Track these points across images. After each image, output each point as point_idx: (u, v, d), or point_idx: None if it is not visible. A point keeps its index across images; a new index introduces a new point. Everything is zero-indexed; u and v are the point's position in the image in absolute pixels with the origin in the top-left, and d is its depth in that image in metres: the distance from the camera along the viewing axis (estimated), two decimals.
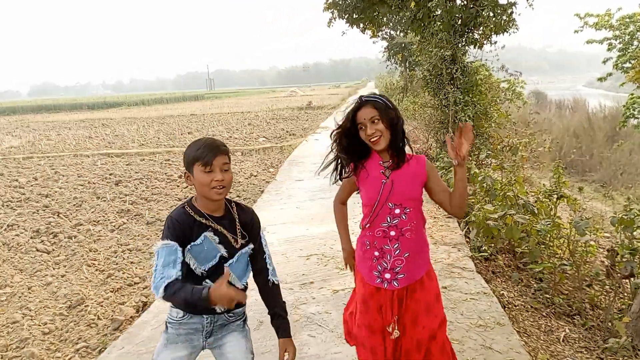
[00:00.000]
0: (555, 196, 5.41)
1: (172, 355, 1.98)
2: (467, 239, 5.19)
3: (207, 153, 1.90)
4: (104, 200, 8.63)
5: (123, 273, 5.43)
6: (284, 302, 2.20)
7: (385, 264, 2.25)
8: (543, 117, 19.60)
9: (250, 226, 2.08)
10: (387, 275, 2.24)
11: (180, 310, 2.00)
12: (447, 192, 2.27)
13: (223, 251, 1.98)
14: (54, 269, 5.75)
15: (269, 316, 2.19)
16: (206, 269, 1.97)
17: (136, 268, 5.56)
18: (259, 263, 2.12)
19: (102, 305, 4.69)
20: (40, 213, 8.02)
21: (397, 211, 2.22)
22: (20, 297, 5.07)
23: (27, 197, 9.13)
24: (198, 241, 1.94)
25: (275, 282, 2.16)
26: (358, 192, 2.41)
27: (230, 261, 2.00)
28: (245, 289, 2.08)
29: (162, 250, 1.89)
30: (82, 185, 9.95)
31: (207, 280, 1.97)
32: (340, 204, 2.59)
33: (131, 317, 4.35)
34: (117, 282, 5.19)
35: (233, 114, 28.21)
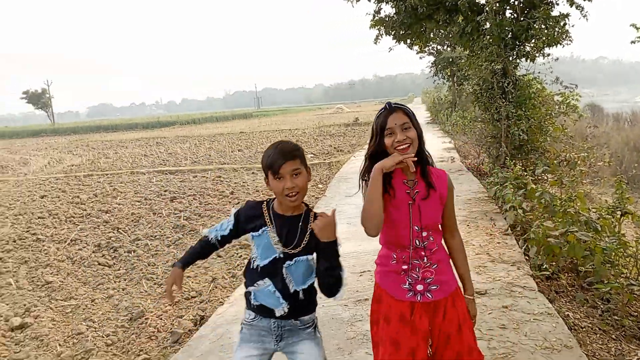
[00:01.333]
0: (619, 212, 5.19)
1: (245, 353, 2.05)
2: (527, 257, 5.03)
3: (275, 160, 1.95)
4: (160, 216, 8.91)
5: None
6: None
7: (415, 276, 2.12)
8: (601, 131, 18.87)
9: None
10: (420, 287, 2.11)
11: (252, 312, 2.09)
12: (450, 227, 2.24)
13: (279, 252, 2.02)
14: (115, 282, 5.96)
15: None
16: (261, 265, 2.04)
17: (192, 282, 5.68)
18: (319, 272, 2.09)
19: (161, 318, 4.81)
20: (100, 228, 8.36)
21: (424, 234, 2.12)
22: (84, 309, 5.29)
23: (88, 213, 9.54)
24: (257, 233, 2.05)
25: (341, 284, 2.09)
26: None
27: (289, 263, 2.02)
28: (304, 295, 2.06)
29: (228, 217, 2.16)
30: (139, 202, 10.31)
31: (266, 279, 2.04)
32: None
33: (189, 330, 4.44)
34: (174, 296, 5.32)
35: (281, 131, 28.62)
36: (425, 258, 2.13)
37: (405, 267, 2.14)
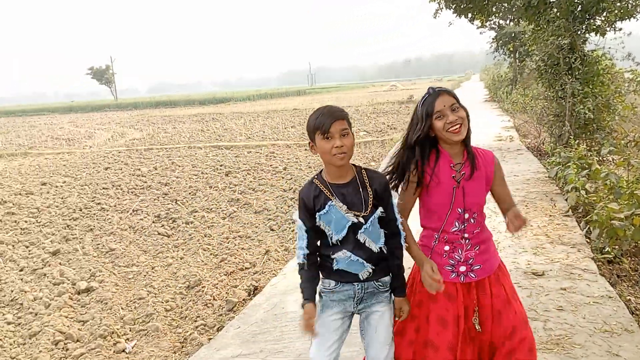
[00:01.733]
0: None
1: (328, 317, 2.12)
2: (588, 240, 4.84)
3: (324, 121, 1.95)
4: (216, 190, 9.15)
5: (235, 258, 5.73)
6: (402, 265, 2.15)
7: (458, 257, 2.13)
8: None
9: (383, 190, 2.07)
10: (462, 268, 2.12)
11: (332, 281, 2.12)
12: (506, 202, 2.19)
13: (352, 219, 2.01)
14: (173, 251, 6.21)
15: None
16: (340, 239, 2.04)
17: (246, 254, 5.84)
18: (390, 228, 2.11)
19: (217, 287, 4.99)
20: (160, 200, 8.69)
21: (467, 216, 2.12)
22: (145, 275, 5.54)
23: (148, 185, 9.93)
24: (324, 211, 2.03)
25: (401, 245, 2.12)
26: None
27: (365, 227, 2.03)
28: (383, 252, 2.09)
29: (298, 225, 2.13)
30: (196, 175, 10.63)
31: (344, 250, 2.04)
32: (404, 220, 2.25)
33: (243, 299, 4.58)
34: (229, 266, 5.50)
35: None
36: (467, 240, 2.13)
37: (447, 248, 2.15)
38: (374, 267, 2.07)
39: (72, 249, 6.53)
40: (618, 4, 9.17)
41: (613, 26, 9.53)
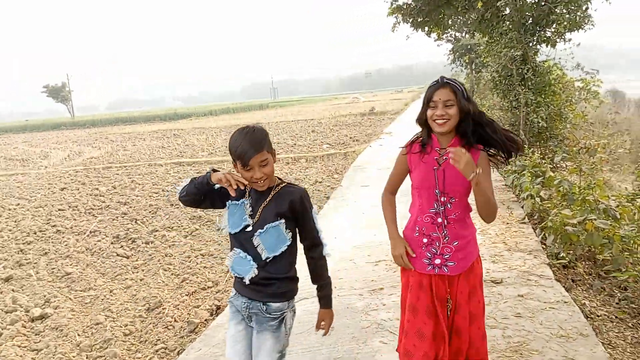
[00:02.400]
0: (639, 200, 5.08)
1: (233, 329, 2.24)
2: (544, 246, 4.97)
3: (244, 153, 2.02)
4: (177, 207, 8.99)
5: (197, 277, 5.62)
6: (329, 277, 2.26)
7: (434, 250, 2.30)
8: (622, 117, 18.49)
9: (298, 203, 2.15)
10: (437, 261, 2.30)
11: (234, 289, 2.25)
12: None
13: (248, 221, 2.14)
14: (133, 272, 6.04)
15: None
16: (232, 232, 2.18)
17: (209, 272, 5.74)
18: (309, 239, 2.21)
19: (178, 308, 4.87)
20: (119, 220, 8.47)
21: (443, 199, 2.27)
22: (103, 299, 5.37)
23: (107, 204, 9.68)
24: (237, 202, 2.18)
25: (325, 256, 2.23)
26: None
27: (260, 231, 2.11)
28: (275, 263, 2.14)
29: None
30: (156, 193, 10.42)
31: (237, 249, 2.17)
32: (390, 194, 2.60)
33: (206, 319, 4.49)
34: (191, 286, 5.38)
35: (297, 122, 28.62)
36: (444, 231, 2.28)
37: (425, 240, 2.33)
38: (258, 271, 2.12)
39: (25, 274, 6.28)
40: (567, 16, 9.55)
41: (563, 37, 9.92)
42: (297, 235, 2.22)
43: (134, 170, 14.16)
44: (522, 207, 6.29)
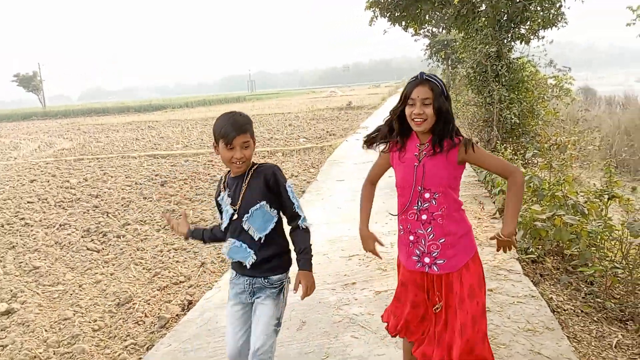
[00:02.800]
0: (607, 196, 5.19)
1: (232, 308, 2.40)
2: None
3: (229, 133, 2.17)
4: (150, 201, 8.87)
5: (169, 272, 5.56)
6: (311, 245, 2.35)
7: (421, 248, 2.26)
8: (592, 115, 18.89)
9: (273, 180, 2.26)
10: (427, 260, 2.26)
11: (233, 271, 2.40)
12: (504, 173, 2.28)
13: (231, 210, 2.28)
14: (103, 267, 5.94)
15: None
16: (225, 225, 2.33)
17: (181, 267, 5.68)
18: (288, 212, 2.32)
19: (149, 303, 4.81)
20: (90, 213, 8.32)
21: (427, 195, 2.23)
22: (71, 294, 5.27)
23: (78, 197, 9.49)
24: (220, 198, 2.36)
25: (304, 227, 2.33)
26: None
27: (247, 216, 2.25)
28: (269, 241, 2.29)
29: None
30: (129, 186, 10.26)
31: (231, 239, 2.32)
32: (370, 184, 2.59)
33: (177, 315, 4.44)
34: (163, 281, 5.32)
35: (274, 115, 28.49)
36: (429, 227, 2.24)
37: (412, 238, 2.30)
38: (256, 255, 2.27)
39: None
40: (541, 14, 9.69)
41: (536, 34, 10.07)
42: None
43: (107, 163, 13.91)
44: (494, 202, 6.38)
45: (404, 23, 12.38)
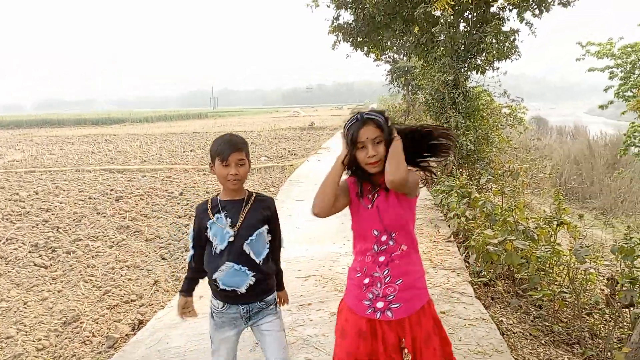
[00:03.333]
0: (556, 223, 5.40)
1: (222, 336, 2.36)
2: (467, 264, 5.17)
3: (224, 150, 2.23)
4: (104, 216, 8.63)
5: (120, 290, 5.40)
6: (280, 269, 2.57)
7: (376, 292, 2.10)
8: (544, 144, 19.66)
9: (272, 211, 2.39)
10: (380, 305, 2.09)
11: (220, 302, 2.33)
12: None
13: (231, 232, 2.26)
14: (50, 284, 5.73)
15: None
16: (222, 248, 2.26)
17: (133, 285, 5.53)
18: (276, 241, 2.45)
19: (97, 322, 4.66)
20: (39, 227, 8.01)
21: (384, 238, 2.11)
22: (15, 312, 5.05)
23: (27, 211, 9.13)
24: (213, 220, 2.29)
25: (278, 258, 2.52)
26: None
27: (250, 239, 2.27)
28: (264, 265, 2.33)
29: (189, 236, 2.43)
30: (82, 201, 9.95)
31: (228, 262, 2.25)
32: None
33: (126, 335, 4.32)
34: (113, 299, 5.16)
35: (236, 133, 28.31)
36: (386, 270, 2.10)
37: (367, 281, 2.13)
38: (255, 279, 2.28)
39: None
40: (496, 46, 10.09)
41: (492, 65, 10.47)
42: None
43: (59, 176, 13.46)
44: (449, 225, 6.53)
45: (365, 48, 12.68)
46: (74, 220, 8.45)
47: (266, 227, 2.33)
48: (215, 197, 2.38)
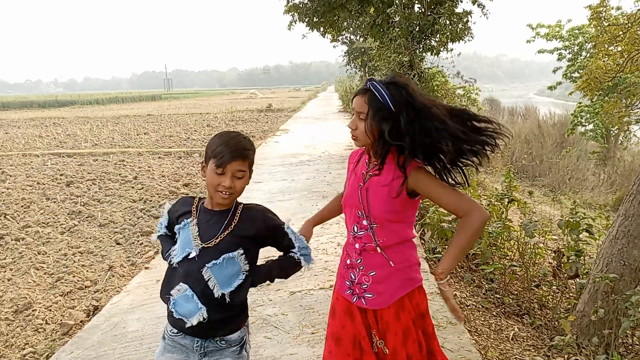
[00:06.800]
0: (507, 200, 5.59)
1: (166, 356, 1.89)
2: (422, 241, 5.30)
3: (224, 154, 1.75)
4: (54, 202, 8.35)
5: (73, 276, 5.26)
6: (288, 274, 2.02)
7: (353, 276, 1.99)
8: None
9: (262, 229, 1.89)
10: (357, 290, 1.98)
11: (174, 328, 1.87)
12: (457, 212, 1.84)
13: (194, 246, 1.79)
14: None
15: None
16: (177, 261, 1.82)
17: (87, 271, 5.39)
18: (284, 248, 1.99)
19: (50, 310, 4.53)
20: None
21: (365, 222, 1.92)
22: None
23: None
24: (181, 225, 1.87)
25: (297, 259, 1.97)
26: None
27: (214, 262, 1.78)
28: (232, 298, 1.82)
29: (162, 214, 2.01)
30: (30, 186, 9.58)
31: (183, 284, 1.80)
32: (338, 196, 2.27)
33: (81, 321, 4.22)
34: (66, 286, 5.02)
35: (191, 115, 27.81)
36: (359, 259, 1.96)
37: (348, 262, 2.03)
38: (209, 314, 1.78)
39: None
40: (450, 28, 10.25)
41: (446, 47, 10.64)
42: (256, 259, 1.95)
43: (5, 161, 12.90)
44: None
45: (322, 29, 12.63)
46: (22, 206, 8.14)
47: (242, 250, 1.81)
48: (202, 198, 1.95)
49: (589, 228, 4.12)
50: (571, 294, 4.23)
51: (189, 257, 1.79)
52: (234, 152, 1.75)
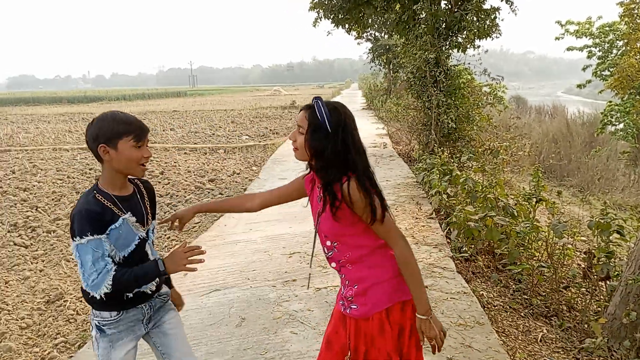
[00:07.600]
0: (535, 199, 5.51)
1: (122, 352, 1.91)
2: (448, 240, 5.26)
3: (139, 129, 1.82)
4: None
5: None
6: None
7: (343, 289, 2.00)
8: (523, 122, 19.89)
9: (154, 196, 2.10)
10: (345, 302, 1.97)
11: (114, 311, 1.87)
12: (387, 240, 1.86)
13: (141, 232, 1.91)
14: (32, 263, 5.67)
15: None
16: (125, 255, 1.85)
17: None
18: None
19: (81, 301, 4.64)
20: (18, 207, 7.89)
21: (328, 243, 1.93)
22: None
23: (4, 190, 8.98)
24: (117, 224, 1.82)
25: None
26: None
27: (151, 237, 1.99)
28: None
29: (86, 247, 1.75)
30: (61, 180, 9.81)
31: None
32: (254, 198, 2.31)
33: None
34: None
35: (216, 112, 28.05)
36: (342, 275, 1.97)
37: (340, 275, 2.03)
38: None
39: None
40: (477, 24, 10.10)
41: (472, 44, 10.49)
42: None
43: (36, 155, 13.23)
44: (431, 203, 6.61)
45: (347, 26, 12.58)
46: (53, 199, 8.34)
47: (157, 221, 2.08)
48: (99, 190, 1.84)
49: (620, 229, 4.03)
50: (601, 297, 4.15)
51: (137, 242, 1.89)
52: (144, 127, 1.86)
